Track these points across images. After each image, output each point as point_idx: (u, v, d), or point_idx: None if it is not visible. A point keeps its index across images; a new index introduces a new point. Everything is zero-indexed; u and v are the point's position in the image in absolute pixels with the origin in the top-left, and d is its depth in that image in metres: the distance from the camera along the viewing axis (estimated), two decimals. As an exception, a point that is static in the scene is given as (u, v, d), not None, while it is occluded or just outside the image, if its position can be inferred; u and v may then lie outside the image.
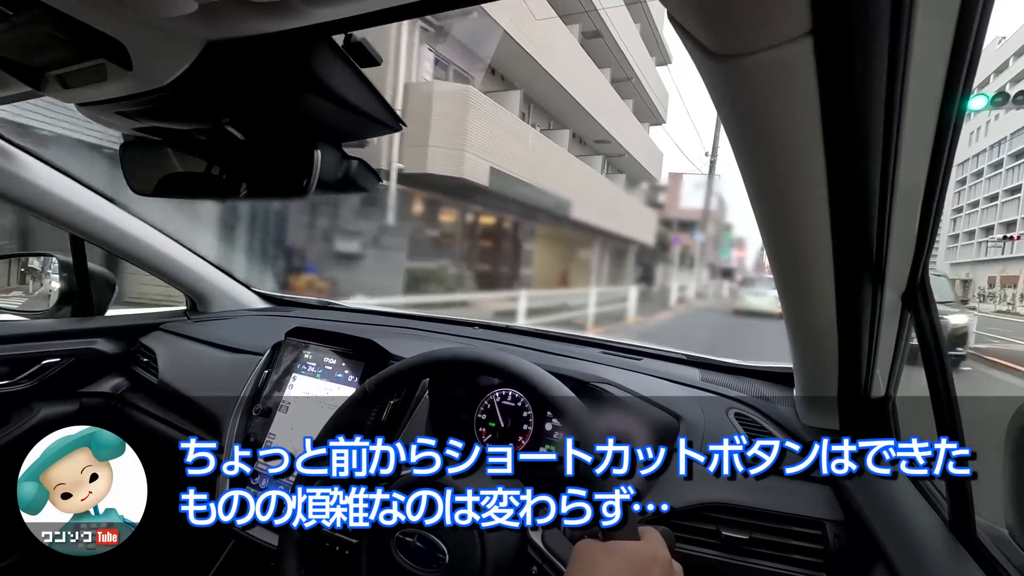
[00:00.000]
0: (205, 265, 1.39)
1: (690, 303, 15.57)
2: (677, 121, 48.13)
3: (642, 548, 0.47)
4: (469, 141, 6.77)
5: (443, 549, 0.53)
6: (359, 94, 0.49)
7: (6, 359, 1.11)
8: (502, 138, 7.62)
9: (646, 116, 14.12)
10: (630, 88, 12.31)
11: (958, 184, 7.39)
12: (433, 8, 0.42)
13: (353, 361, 0.98)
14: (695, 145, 25.95)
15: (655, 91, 13.73)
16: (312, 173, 0.50)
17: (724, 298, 18.39)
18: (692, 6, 0.30)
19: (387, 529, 0.54)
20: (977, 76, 0.37)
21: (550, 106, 9.75)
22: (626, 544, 0.47)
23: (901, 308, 0.60)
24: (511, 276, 10.66)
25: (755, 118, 0.37)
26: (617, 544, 0.47)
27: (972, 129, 7.55)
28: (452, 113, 6.70)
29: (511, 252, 10.98)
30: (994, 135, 7.42)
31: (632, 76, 11.79)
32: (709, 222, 17.74)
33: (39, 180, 1.03)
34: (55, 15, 0.39)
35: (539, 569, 0.54)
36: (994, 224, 7.13)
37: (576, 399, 0.55)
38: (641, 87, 12.59)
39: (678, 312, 13.22)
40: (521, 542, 0.55)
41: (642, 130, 14.50)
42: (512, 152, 7.91)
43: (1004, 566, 0.52)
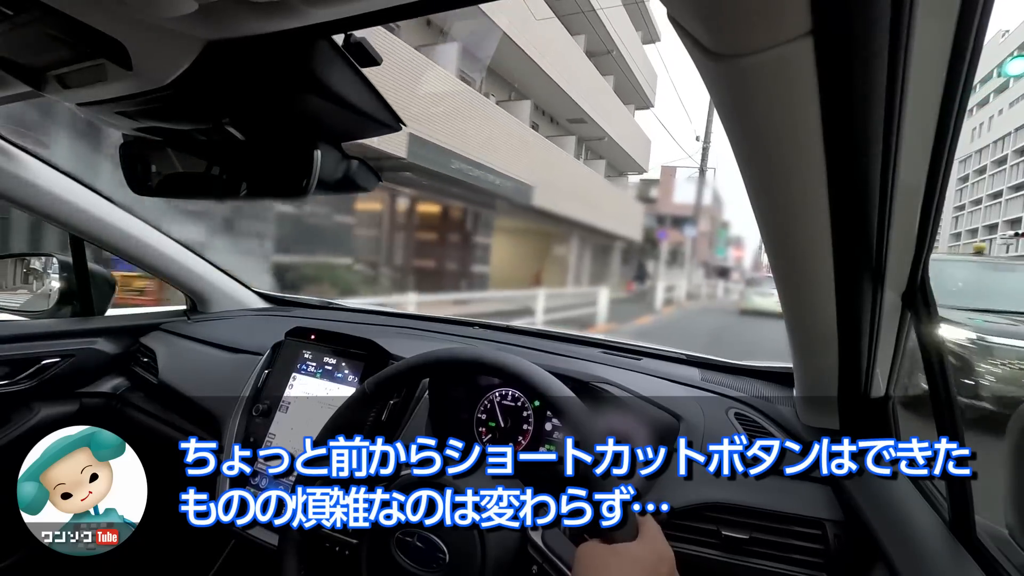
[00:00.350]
0: (205, 265, 1.39)
1: (680, 305, 14.24)
2: (668, 106, 44.76)
3: (648, 548, 0.47)
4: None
5: (443, 549, 0.53)
6: (359, 94, 0.49)
7: (6, 359, 1.11)
8: (434, 102, 6.27)
9: (631, 97, 12.67)
10: (610, 63, 10.87)
11: (960, 181, 7.38)
12: (433, 8, 0.42)
13: (353, 361, 0.98)
14: (687, 133, 23.52)
15: (641, 70, 12.37)
16: (312, 173, 0.50)
17: (719, 299, 17.35)
18: (692, 6, 0.30)
19: (387, 529, 0.54)
20: (980, 71, 0.37)
21: (509, 73, 8.16)
22: (631, 546, 0.47)
23: (901, 308, 0.60)
24: (460, 275, 8.95)
25: (755, 118, 0.37)
26: (622, 547, 0.47)
27: (975, 125, 7.53)
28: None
29: (460, 246, 9.21)
30: (998, 130, 7.40)
31: (612, 49, 10.47)
32: (702, 216, 16.56)
33: (39, 180, 1.03)
34: (55, 15, 0.39)
35: (539, 568, 0.54)
36: (998, 222, 7.13)
37: (576, 399, 0.55)
38: (624, 63, 11.22)
39: (663, 315, 11.60)
40: (521, 541, 0.55)
41: (626, 112, 12.92)
42: (455, 125, 6.52)
43: (1004, 566, 0.52)
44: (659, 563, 0.46)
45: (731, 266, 20.84)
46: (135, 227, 1.21)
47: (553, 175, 9.54)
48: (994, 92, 15.93)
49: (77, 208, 1.10)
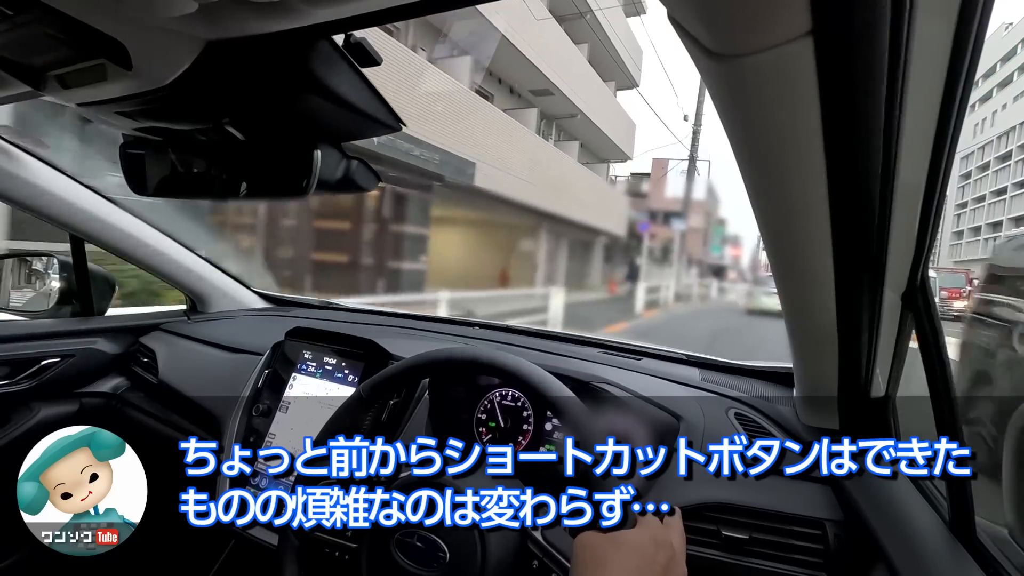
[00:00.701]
0: (205, 265, 1.39)
1: (666, 308, 12.19)
2: (655, 88, 37.64)
3: (646, 536, 0.47)
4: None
5: (443, 548, 0.53)
6: (359, 94, 0.49)
7: (6, 359, 1.11)
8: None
9: (612, 74, 11.13)
10: (584, 29, 9.17)
11: (962, 179, 7.27)
12: (433, 8, 0.42)
13: (353, 361, 0.98)
14: (675, 116, 20.73)
15: (624, 44, 10.73)
16: (312, 173, 0.50)
17: (712, 299, 16.03)
18: (692, 6, 0.30)
19: (387, 530, 0.54)
20: (982, 64, 0.37)
21: (448, 24, 6.64)
22: (627, 533, 0.47)
23: (901, 308, 0.60)
24: (379, 272, 6.96)
25: (755, 118, 0.37)
26: (619, 535, 0.47)
27: (977, 120, 7.40)
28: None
29: (380, 237, 7.17)
30: (1001, 125, 7.24)
31: (587, 12, 8.78)
32: (694, 211, 14.88)
33: (39, 180, 1.03)
34: (55, 15, 0.39)
35: (540, 563, 0.54)
36: (1002, 219, 7.02)
37: (576, 399, 0.55)
38: (601, 32, 9.52)
39: (643, 320, 9.89)
40: (521, 538, 0.55)
41: (605, 89, 11.27)
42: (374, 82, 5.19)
43: (1004, 566, 0.52)
44: (657, 551, 0.46)
45: (727, 264, 20.16)
46: (135, 227, 1.21)
47: (510, 154, 7.84)
48: (997, 87, 15.75)
49: (77, 208, 1.10)
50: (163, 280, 1.34)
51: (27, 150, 1.01)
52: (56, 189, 1.06)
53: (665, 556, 0.46)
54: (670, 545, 0.48)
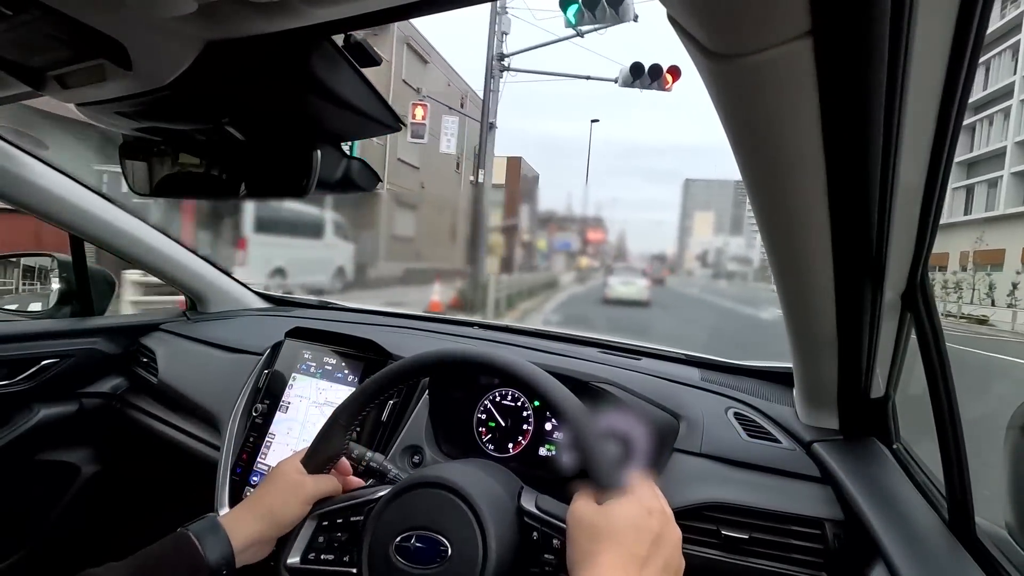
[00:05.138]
0: (204, 265, 1.39)
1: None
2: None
3: (635, 504, 0.48)
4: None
5: (444, 541, 0.52)
6: (359, 94, 0.49)
7: (6, 359, 1.11)
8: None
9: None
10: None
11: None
12: (433, 8, 0.42)
13: (353, 361, 0.98)
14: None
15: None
16: (312, 173, 0.50)
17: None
18: (692, 6, 0.30)
19: (383, 540, 0.54)
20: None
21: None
22: (619, 503, 0.47)
23: (901, 308, 0.60)
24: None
25: (755, 118, 0.37)
26: (611, 507, 0.47)
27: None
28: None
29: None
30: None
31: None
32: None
33: (39, 180, 1.03)
34: (55, 15, 0.39)
35: (539, 533, 0.54)
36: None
37: (576, 399, 0.55)
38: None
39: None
40: (518, 514, 0.55)
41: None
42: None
43: (1004, 566, 0.52)
44: (648, 517, 0.47)
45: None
46: (135, 227, 1.22)
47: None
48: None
49: (77, 208, 1.10)
50: (163, 280, 1.34)
51: (27, 150, 1.01)
52: (56, 189, 1.06)
53: (658, 522, 0.47)
54: (661, 510, 0.49)
